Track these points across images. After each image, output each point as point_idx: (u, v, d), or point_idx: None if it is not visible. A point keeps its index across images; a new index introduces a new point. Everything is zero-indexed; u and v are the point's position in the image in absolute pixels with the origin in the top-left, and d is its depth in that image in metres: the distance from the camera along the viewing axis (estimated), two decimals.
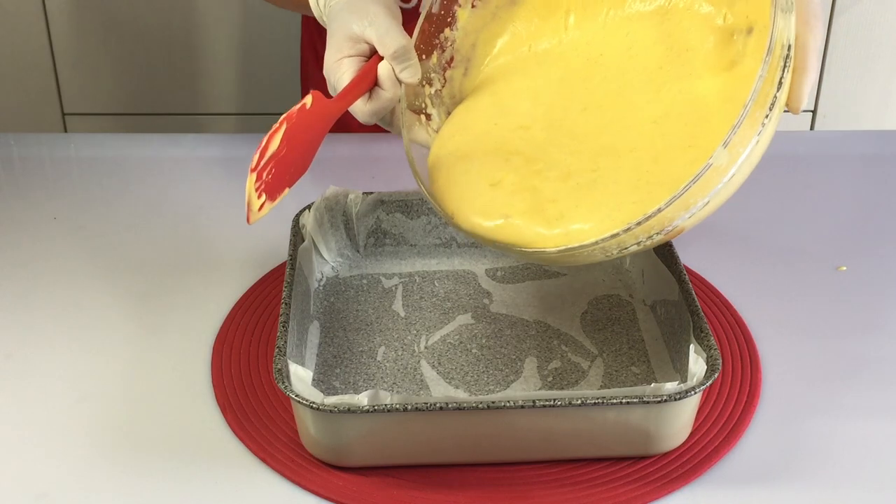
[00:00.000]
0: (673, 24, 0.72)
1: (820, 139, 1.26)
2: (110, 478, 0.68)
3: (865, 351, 0.80)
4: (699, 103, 0.68)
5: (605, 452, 0.69)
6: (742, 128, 0.60)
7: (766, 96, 0.61)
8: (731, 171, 0.62)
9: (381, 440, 0.67)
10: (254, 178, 0.67)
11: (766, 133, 0.62)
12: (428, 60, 0.80)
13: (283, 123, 0.68)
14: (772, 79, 0.61)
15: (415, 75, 0.75)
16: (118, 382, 0.77)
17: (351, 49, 0.76)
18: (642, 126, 0.70)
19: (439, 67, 0.81)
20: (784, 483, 0.68)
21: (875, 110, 1.92)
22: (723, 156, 0.61)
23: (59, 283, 0.89)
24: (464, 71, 0.81)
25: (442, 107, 0.81)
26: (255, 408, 0.73)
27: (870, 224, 0.98)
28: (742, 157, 0.62)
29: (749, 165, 0.63)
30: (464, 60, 0.81)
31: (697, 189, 0.61)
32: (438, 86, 0.81)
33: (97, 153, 1.14)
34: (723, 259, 0.91)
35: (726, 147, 0.60)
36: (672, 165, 0.66)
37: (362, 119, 0.77)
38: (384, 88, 0.75)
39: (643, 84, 0.72)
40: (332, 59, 0.77)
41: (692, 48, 0.70)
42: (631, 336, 0.81)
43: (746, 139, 0.61)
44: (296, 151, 0.71)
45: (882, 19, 1.83)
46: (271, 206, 0.71)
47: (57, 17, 1.84)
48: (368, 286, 0.87)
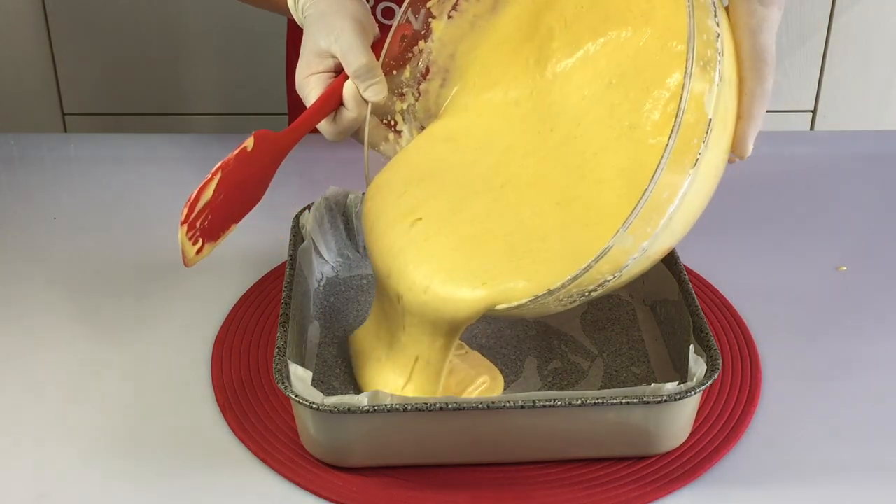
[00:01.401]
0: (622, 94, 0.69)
1: (820, 139, 1.26)
2: (110, 478, 0.68)
3: (865, 351, 0.80)
4: (616, 181, 0.67)
5: (605, 452, 0.69)
6: (645, 211, 0.57)
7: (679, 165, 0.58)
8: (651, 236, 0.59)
9: (381, 440, 0.67)
10: (185, 230, 0.68)
11: (691, 196, 0.59)
12: (400, 74, 0.79)
13: (217, 173, 0.68)
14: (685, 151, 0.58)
15: (379, 94, 0.74)
16: (118, 382, 0.77)
17: (319, 65, 0.75)
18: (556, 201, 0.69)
19: (413, 81, 0.79)
20: (784, 483, 0.68)
21: (875, 110, 1.92)
22: (625, 239, 0.58)
23: (58, 283, 0.89)
24: (441, 82, 0.80)
25: (414, 122, 0.80)
26: (255, 408, 0.73)
27: (870, 224, 0.98)
28: (661, 224, 0.59)
29: (686, 214, 0.62)
30: (441, 72, 0.79)
31: (606, 263, 0.59)
32: (412, 100, 0.80)
33: (97, 153, 1.14)
34: (723, 259, 0.91)
35: (627, 230, 0.58)
36: (576, 240, 0.65)
37: (329, 138, 0.77)
38: (348, 108, 0.75)
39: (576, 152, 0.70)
40: (301, 76, 0.76)
41: (635, 124, 0.67)
42: (631, 336, 0.81)
43: (656, 217, 0.59)
44: (237, 193, 0.71)
45: (882, 19, 1.83)
46: (214, 246, 0.72)
47: (57, 17, 1.85)
48: (368, 286, 0.87)
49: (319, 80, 0.75)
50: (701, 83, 0.58)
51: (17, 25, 1.85)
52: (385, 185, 0.75)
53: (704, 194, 0.63)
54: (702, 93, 0.58)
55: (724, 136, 0.63)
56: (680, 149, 0.57)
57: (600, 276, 0.61)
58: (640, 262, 0.61)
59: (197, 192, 0.67)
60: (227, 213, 0.72)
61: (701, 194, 0.62)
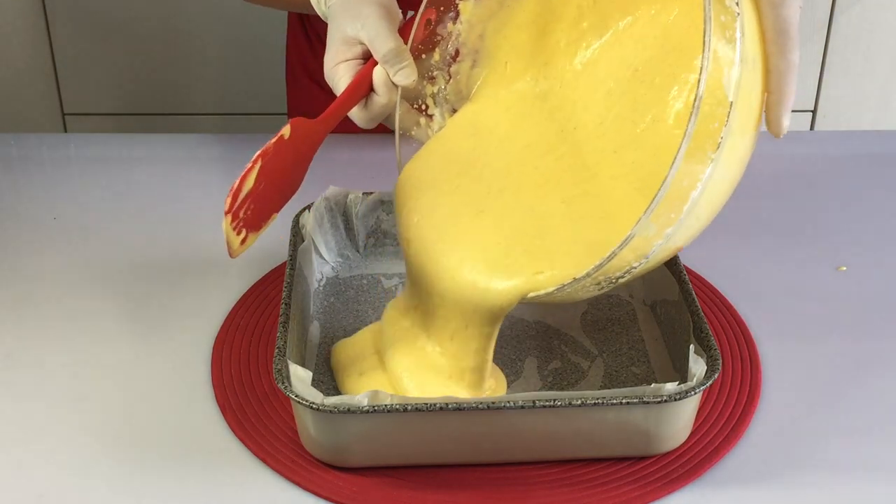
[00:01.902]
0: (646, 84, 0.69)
1: (820, 139, 1.26)
2: (110, 478, 0.68)
3: (865, 351, 0.80)
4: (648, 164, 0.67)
5: (605, 452, 0.69)
6: (667, 198, 0.57)
7: (700, 155, 0.58)
8: (675, 222, 0.59)
9: (381, 440, 0.67)
10: (229, 220, 0.68)
11: (716, 181, 0.59)
12: (430, 58, 0.78)
13: (257, 161, 0.68)
14: (705, 136, 0.57)
15: (409, 77, 0.74)
16: (118, 382, 0.77)
17: (347, 52, 0.75)
18: (570, 196, 0.69)
19: (443, 63, 0.79)
20: (784, 483, 0.68)
21: (875, 110, 1.92)
22: (649, 226, 0.58)
23: (59, 283, 0.89)
24: (471, 64, 0.79)
25: (446, 105, 0.80)
26: (255, 408, 0.73)
27: (870, 224, 0.98)
28: (685, 210, 0.58)
29: (712, 199, 0.61)
30: (471, 53, 0.79)
31: (630, 251, 0.59)
32: (443, 83, 0.80)
33: (97, 153, 1.14)
34: (723, 259, 0.90)
35: (649, 217, 0.57)
36: (595, 232, 0.66)
37: (361, 125, 0.77)
38: (378, 94, 0.74)
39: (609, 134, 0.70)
40: (329, 64, 0.76)
41: (658, 117, 0.67)
42: (631, 336, 0.81)
43: (679, 204, 0.58)
44: (277, 181, 0.71)
45: (882, 19, 1.83)
46: (256, 237, 0.72)
47: (57, 18, 1.85)
48: (368, 286, 0.87)
49: (348, 67, 0.75)
50: (721, 66, 0.57)
51: (17, 25, 1.85)
52: (415, 178, 0.75)
53: (730, 179, 0.62)
54: (721, 76, 0.57)
55: (749, 118, 0.61)
56: (700, 134, 0.56)
57: (626, 263, 0.61)
58: (666, 248, 0.61)
59: (239, 180, 0.67)
60: (268, 201, 0.72)
61: (726, 179, 0.62)
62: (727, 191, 0.63)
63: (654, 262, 0.62)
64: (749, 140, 0.63)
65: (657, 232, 0.59)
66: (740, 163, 0.63)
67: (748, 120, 0.62)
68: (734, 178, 0.63)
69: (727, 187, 0.63)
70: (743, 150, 0.62)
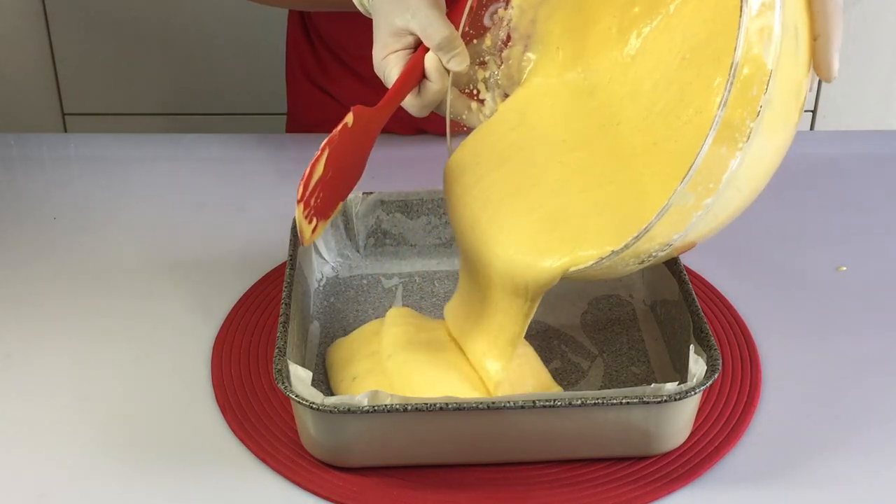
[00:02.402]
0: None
1: (820, 139, 1.26)
2: (110, 478, 0.68)
3: (865, 351, 0.80)
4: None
5: (605, 452, 0.68)
6: (704, 166, 0.57)
7: (738, 123, 0.57)
8: (714, 192, 0.59)
9: (381, 440, 0.67)
10: (301, 208, 0.69)
11: (757, 151, 0.59)
12: (481, 43, 0.79)
13: (325, 149, 0.69)
14: (743, 105, 0.57)
15: (462, 63, 0.75)
16: (118, 382, 0.77)
17: (396, 44, 0.76)
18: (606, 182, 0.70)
19: (494, 49, 0.79)
20: (784, 483, 0.68)
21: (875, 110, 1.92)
22: (686, 196, 0.58)
23: (59, 283, 0.89)
24: (523, 48, 0.79)
25: (497, 90, 0.80)
26: (255, 408, 0.73)
27: (870, 224, 0.98)
28: (724, 180, 0.58)
29: (753, 169, 0.61)
30: (522, 38, 0.79)
31: (668, 224, 0.60)
32: (494, 68, 0.80)
33: (97, 153, 1.14)
34: (723, 259, 0.90)
35: (686, 186, 0.58)
36: (629, 212, 0.67)
37: (415, 113, 0.77)
38: (431, 80, 0.75)
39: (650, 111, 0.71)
40: (379, 57, 0.77)
41: (701, 108, 0.68)
42: (631, 336, 0.81)
43: (717, 172, 0.58)
44: (343, 170, 0.72)
45: (882, 19, 1.83)
46: (325, 225, 0.73)
47: (57, 18, 1.85)
48: (368, 286, 0.87)
49: (398, 58, 0.76)
50: (761, 35, 0.57)
51: (17, 25, 1.85)
52: (463, 164, 0.77)
53: (770, 156, 0.62)
54: (761, 43, 0.57)
55: (790, 92, 0.61)
56: (738, 102, 0.56)
57: (665, 237, 0.61)
58: (707, 221, 0.61)
59: (309, 169, 0.68)
60: (335, 189, 0.73)
61: (767, 153, 0.61)
62: (767, 168, 0.62)
63: (693, 236, 0.62)
64: (792, 116, 0.62)
65: (695, 202, 0.59)
66: (784, 130, 0.62)
67: (790, 94, 0.61)
68: (774, 155, 0.62)
69: (767, 164, 0.62)
70: (784, 127, 0.62)
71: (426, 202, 0.89)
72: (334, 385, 0.75)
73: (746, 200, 0.64)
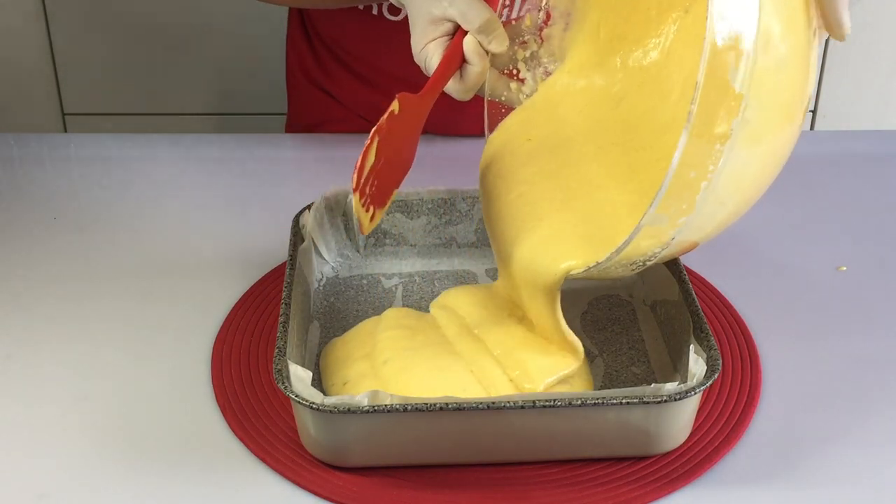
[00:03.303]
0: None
1: (820, 139, 1.26)
2: (110, 478, 0.68)
3: (865, 351, 0.80)
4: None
5: (605, 452, 0.69)
6: (672, 190, 0.57)
7: (706, 147, 0.56)
8: (687, 216, 0.59)
9: (381, 440, 0.67)
10: (357, 197, 0.70)
11: (731, 171, 0.58)
12: (520, 23, 0.79)
13: (374, 137, 0.70)
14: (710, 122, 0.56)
15: (502, 44, 0.75)
16: (118, 382, 0.77)
17: (435, 31, 0.76)
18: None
19: (534, 28, 0.79)
20: (784, 483, 0.68)
21: (875, 110, 1.92)
22: (659, 218, 0.58)
23: (58, 283, 0.89)
24: (564, 26, 0.79)
25: (538, 68, 0.80)
26: (255, 408, 0.73)
27: (870, 224, 0.98)
28: (697, 203, 0.58)
29: (736, 183, 0.61)
30: (563, 16, 0.79)
31: (646, 239, 0.61)
32: (535, 47, 0.80)
33: (97, 153, 1.14)
34: (723, 259, 0.91)
35: (655, 209, 0.58)
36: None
37: (458, 97, 0.78)
38: (472, 63, 0.76)
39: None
40: (418, 46, 0.77)
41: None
42: (631, 336, 0.81)
43: (688, 196, 0.58)
44: (394, 156, 0.73)
45: (882, 19, 1.83)
46: (383, 211, 0.75)
47: (57, 18, 1.85)
48: (368, 286, 0.87)
49: (437, 45, 0.77)
50: (725, 60, 0.55)
51: (17, 25, 1.85)
52: (498, 156, 0.78)
53: (763, 157, 0.61)
54: (727, 66, 0.55)
55: (779, 107, 0.59)
56: (704, 128, 0.55)
57: (646, 249, 0.62)
58: (694, 232, 0.61)
59: (361, 158, 0.69)
60: (388, 177, 0.74)
61: (756, 159, 0.60)
62: (759, 174, 0.62)
63: (678, 248, 0.63)
64: (785, 124, 0.61)
65: (670, 223, 0.59)
66: (776, 147, 0.61)
67: (776, 106, 0.59)
68: (766, 161, 0.62)
69: (757, 171, 0.61)
70: (775, 135, 0.61)
71: (426, 202, 0.89)
72: (326, 388, 0.75)
73: (741, 205, 0.64)
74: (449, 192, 0.89)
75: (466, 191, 0.89)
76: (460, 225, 0.89)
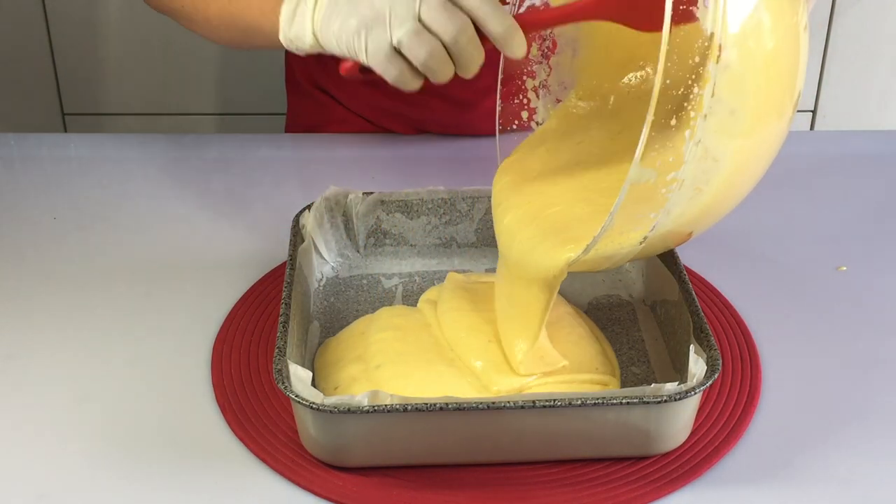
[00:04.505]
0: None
1: (820, 139, 1.26)
2: (110, 478, 0.68)
3: (866, 351, 0.80)
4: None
5: (605, 452, 0.69)
6: (628, 206, 0.59)
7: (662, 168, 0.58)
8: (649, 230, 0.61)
9: (381, 440, 0.67)
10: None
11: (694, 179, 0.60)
12: (527, 54, 0.78)
13: None
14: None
15: (522, 51, 0.73)
16: (118, 382, 0.77)
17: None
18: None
19: (542, 57, 0.79)
20: (784, 483, 0.68)
21: (875, 110, 1.92)
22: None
23: (58, 283, 0.89)
24: (572, 53, 0.79)
25: (549, 96, 0.80)
26: (255, 408, 0.73)
27: (870, 224, 0.98)
28: (661, 213, 0.60)
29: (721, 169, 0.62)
30: (570, 42, 0.79)
31: (619, 236, 0.62)
32: (544, 76, 0.80)
33: (97, 153, 1.14)
34: (723, 259, 0.91)
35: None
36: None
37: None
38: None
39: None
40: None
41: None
42: (631, 336, 0.81)
43: (649, 208, 0.60)
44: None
45: (882, 19, 1.83)
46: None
47: (57, 18, 1.84)
48: (368, 286, 0.87)
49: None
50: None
51: (17, 25, 1.85)
52: (509, 178, 0.78)
53: (737, 153, 0.61)
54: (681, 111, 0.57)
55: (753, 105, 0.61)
56: (661, 151, 0.58)
57: (624, 245, 0.63)
58: (669, 232, 0.62)
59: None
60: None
61: (731, 157, 0.61)
62: (742, 168, 0.63)
63: (678, 218, 0.64)
64: (763, 122, 0.62)
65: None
66: (758, 146, 0.62)
67: (765, 101, 0.61)
68: (749, 158, 0.62)
69: (740, 165, 0.62)
70: (761, 132, 0.62)
71: (426, 202, 0.89)
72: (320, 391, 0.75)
73: (725, 194, 0.64)
74: (449, 192, 0.89)
75: (466, 191, 0.89)
76: (460, 225, 0.89)
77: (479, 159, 1.09)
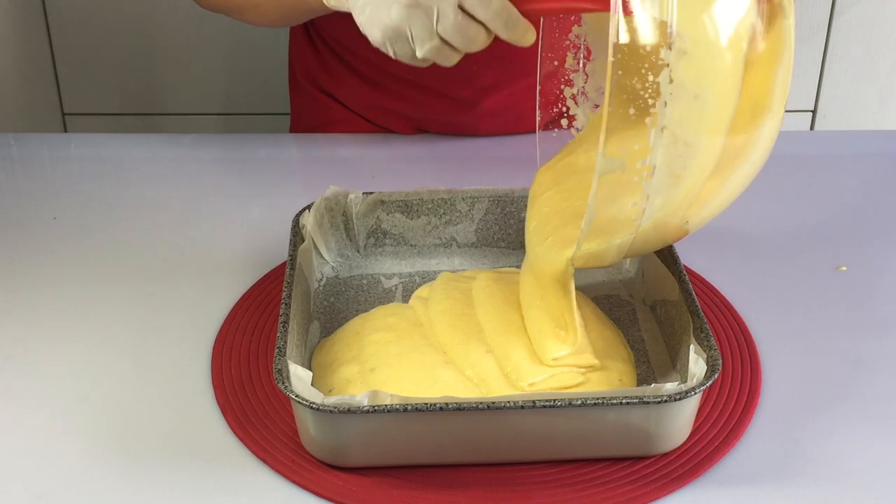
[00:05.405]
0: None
1: (820, 139, 1.26)
2: (110, 478, 0.68)
3: (865, 351, 0.80)
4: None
5: (605, 452, 0.69)
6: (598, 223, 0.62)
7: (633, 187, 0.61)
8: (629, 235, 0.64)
9: (381, 440, 0.67)
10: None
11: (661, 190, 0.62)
12: (563, 64, 0.80)
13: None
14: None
15: (530, 39, 0.75)
16: (118, 382, 0.77)
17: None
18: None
19: (577, 65, 0.80)
20: (784, 483, 0.68)
21: (875, 110, 1.92)
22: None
23: (58, 284, 0.89)
24: (606, 59, 0.80)
25: (587, 102, 0.81)
26: (255, 408, 0.73)
27: (870, 224, 0.98)
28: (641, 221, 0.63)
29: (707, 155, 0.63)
30: (604, 49, 0.79)
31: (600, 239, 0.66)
32: (581, 83, 0.80)
33: (97, 153, 1.14)
34: (723, 259, 0.91)
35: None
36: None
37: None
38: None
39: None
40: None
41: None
42: (631, 336, 0.81)
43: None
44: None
45: (882, 19, 1.83)
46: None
47: (57, 18, 1.84)
48: (368, 286, 0.87)
49: None
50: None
51: (17, 25, 1.85)
52: (542, 182, 0.81)
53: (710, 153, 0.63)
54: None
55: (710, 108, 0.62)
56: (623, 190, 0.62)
57: (616, 240, 0.66)
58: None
59: None
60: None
61: (704, 156, 0.63)
62: (723, 155, 0.64)
63: (654, 230, 0.66)
64: (757, 120, 0.63)
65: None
66: (745, 142, 0.63)
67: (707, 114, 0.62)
68: (737, 153, 0.63)
69: (716, 151, 0.64)
70: (714, 135, 0.63)
71: (426, 202, 0.89)
72: None
73: (714, 186, 0.66)
74: (449, 192, 0.89)
75: (466, 191, 0.89)
76: (460, 225, 0.89)
77: (479, 159, 1.09)
